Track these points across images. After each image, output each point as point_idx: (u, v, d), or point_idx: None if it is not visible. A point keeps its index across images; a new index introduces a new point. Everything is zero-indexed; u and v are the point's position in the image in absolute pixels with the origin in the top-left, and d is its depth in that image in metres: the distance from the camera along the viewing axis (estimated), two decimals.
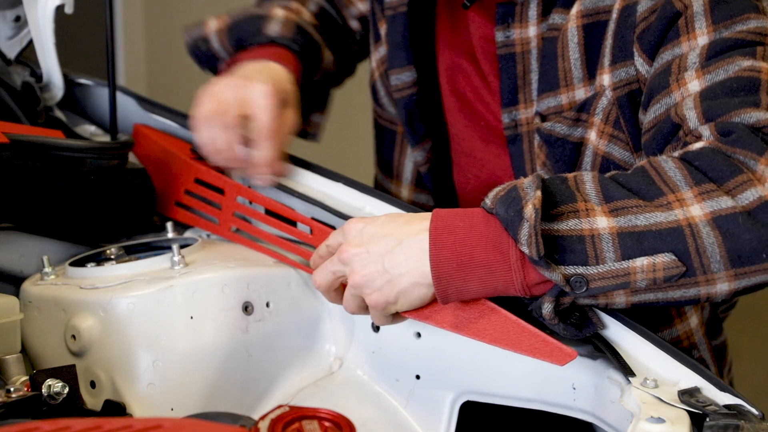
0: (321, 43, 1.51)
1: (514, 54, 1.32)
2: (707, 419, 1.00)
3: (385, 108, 1.52)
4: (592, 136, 1.26)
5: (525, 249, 1.04)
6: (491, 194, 1.09)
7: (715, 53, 1.14)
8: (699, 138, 1.11)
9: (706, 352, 1.37)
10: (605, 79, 1.24)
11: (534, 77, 1.32)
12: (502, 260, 1.07)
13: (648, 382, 1.06)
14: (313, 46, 1.49)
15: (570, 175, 1.10)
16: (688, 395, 1.04)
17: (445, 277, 1.08)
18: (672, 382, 1.08)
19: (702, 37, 1.15)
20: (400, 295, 1.11)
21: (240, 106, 1.32)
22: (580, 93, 1.27)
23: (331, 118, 1.62)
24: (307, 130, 1.54)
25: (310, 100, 1.52)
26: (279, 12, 1.49)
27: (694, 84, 1.14)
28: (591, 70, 1.26)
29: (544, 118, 1.29)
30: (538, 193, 1.04)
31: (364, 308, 1.14)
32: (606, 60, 1.24)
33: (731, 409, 1.02)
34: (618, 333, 1.12)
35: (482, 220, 1.08)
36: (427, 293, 1.10)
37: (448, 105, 1.44)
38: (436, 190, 1.50)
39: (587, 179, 1.09)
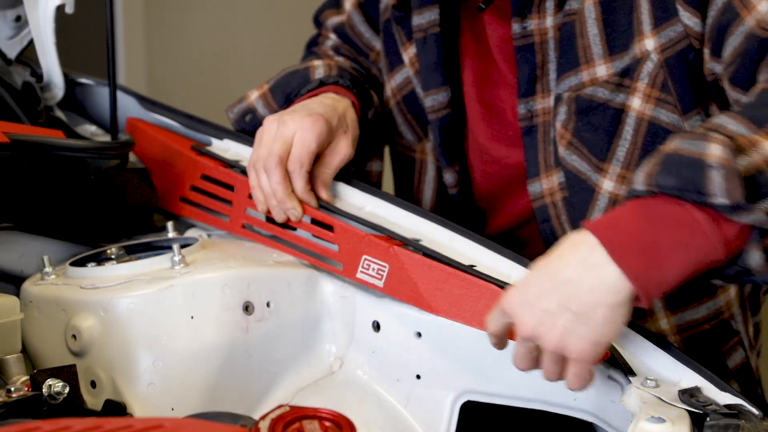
0: (365, 83, 1.50)
1: (532, 44, 1.32)
2: (708, 419, 1.00)
3: (404, 135, 1.51)
4: (635, 102, 1.26)
5: (721, 199, 0.98)
6: (638, 178, 1.03)
7: None
8: None
9: (741, 325, 1.37)
10: (648, 43, 1.24)
11: (552, 67, 1.32)
12: (691, 229, 1.00)
13: (648, 381, 1.06)
14: (359, 83, 1.46)
15: (699, 130, 1.05)
16: (688, 395, 1.04)
17: (642, 275, 1.00)
18: (672, 381, 1.08)
19: None
20: (604, 326, 1.01)
21: (282, 145, 1.30)
22: (601, 70, 1.27)
23: None
24: (370, 180, 1.52)
25: (368, 144, 1.50)
26: (317, 62, 1.48)
27: (763, 5, 1.14)
28: (612, 46, 1.26)
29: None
30: (719, 135, 1.00)
31: (563, 368, 1.06)
32: (646, 26, 1.24)
33: (732, 409, 1.02)
34: None
35: (639, 209, 1.02)
36: (628, 311, 1.02)
37: (474, 116, 1.44)
38: (460, 211, 1.49)
39: (723, 120, 1.04)
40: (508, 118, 1.40)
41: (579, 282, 1.01)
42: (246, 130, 1.48)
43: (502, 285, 1.15)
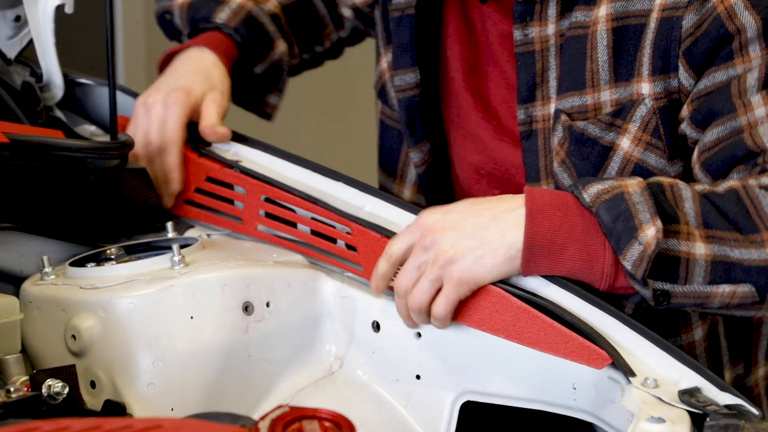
0: (274, 34, 1.56)
1: (533, 52, 1.33)
2: (707, 419, 1.00)
3: (395, 109, 1.52)
4: (624, 142, 1.27)
5: (628, 266, 1.10)
6: (590, 190, 1.13)
7: None
8: None
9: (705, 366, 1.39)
10: (644, 87, 1.25)
11: (552, 74, 1.32)
12: (594, 262, 1.12)
13: (648, 381, 1.06)
14: (260, 37, 1.54)
15: (666, 184, 1.14)
16: (688, 395, 1.04)
17: (534, 261, 1.13)
18: (672, 381, 1.08)
19: (756, 60, 1.20)
20: (493, 268, 1.13)
21: (155, 132, 1.41)
22: (605, 95, 1.28)
23: (331, 118, 1.60)
24: (264, 110, 1.61)
25: (262, 84, 1.58)
26: (235, 1, 1.54)
27: (761, 110, 1.18)
28: (618, 73, 1.27)
29: (570, 116, 1.30)
30: (659, 224, 1.09)
31: (434, 295, 1.15)
32: (645, 69, 1.25)
33: (732, 409, 1.02)
34: (618, 332, 1.12)
35: (577, 213, 1.13)
36: (512, 270, 1.14)
37: (461, 102, 1.44)
38: (430, 190, 1.50)
39: (686, 196, 1.13)
40: (500, 113, 1.40)
41: (498, 225, 1.13)
42: (162, 25, 1.62)
43: (509, 286, 1.15)
